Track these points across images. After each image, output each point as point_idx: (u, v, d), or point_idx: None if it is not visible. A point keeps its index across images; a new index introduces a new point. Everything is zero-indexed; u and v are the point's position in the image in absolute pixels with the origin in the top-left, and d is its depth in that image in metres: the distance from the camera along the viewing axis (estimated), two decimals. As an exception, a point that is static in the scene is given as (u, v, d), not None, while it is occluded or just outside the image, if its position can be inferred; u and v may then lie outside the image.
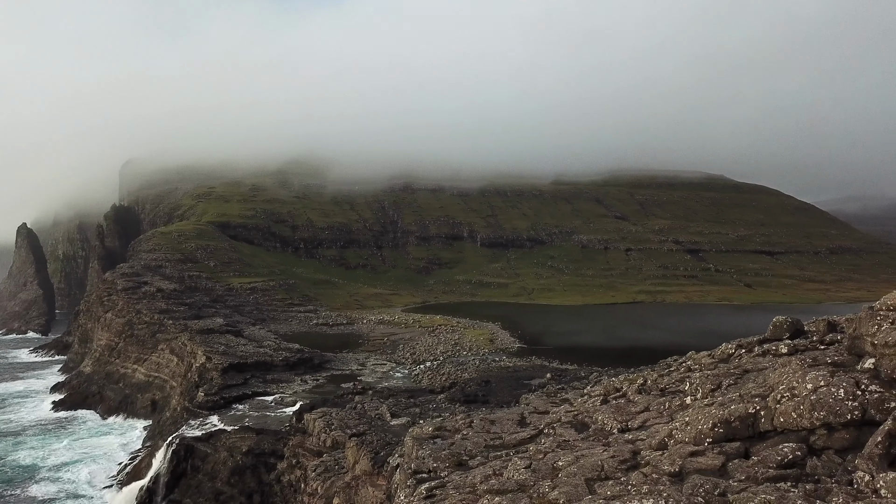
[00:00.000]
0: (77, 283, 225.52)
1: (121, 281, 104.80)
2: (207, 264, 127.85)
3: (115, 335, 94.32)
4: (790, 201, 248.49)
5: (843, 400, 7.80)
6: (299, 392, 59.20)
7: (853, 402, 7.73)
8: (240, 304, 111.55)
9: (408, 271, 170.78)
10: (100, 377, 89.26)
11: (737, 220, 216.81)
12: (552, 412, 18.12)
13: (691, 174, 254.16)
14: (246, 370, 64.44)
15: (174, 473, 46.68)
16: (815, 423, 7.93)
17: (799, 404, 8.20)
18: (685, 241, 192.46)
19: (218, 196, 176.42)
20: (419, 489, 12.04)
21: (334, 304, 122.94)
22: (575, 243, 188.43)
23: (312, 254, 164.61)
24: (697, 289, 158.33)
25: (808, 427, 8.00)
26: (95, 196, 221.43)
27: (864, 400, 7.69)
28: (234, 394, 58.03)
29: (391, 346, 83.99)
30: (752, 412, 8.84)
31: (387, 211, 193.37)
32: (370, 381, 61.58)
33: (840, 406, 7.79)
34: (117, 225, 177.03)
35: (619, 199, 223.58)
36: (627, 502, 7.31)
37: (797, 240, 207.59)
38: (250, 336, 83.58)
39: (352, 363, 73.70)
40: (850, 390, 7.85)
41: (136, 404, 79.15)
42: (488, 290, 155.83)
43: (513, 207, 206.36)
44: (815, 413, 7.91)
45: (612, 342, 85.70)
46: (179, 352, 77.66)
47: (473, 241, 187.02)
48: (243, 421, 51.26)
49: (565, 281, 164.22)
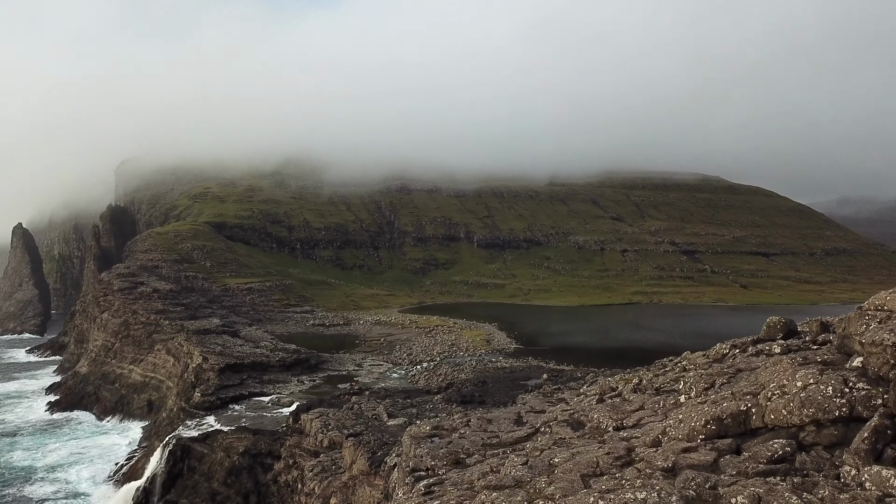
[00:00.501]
0: (73, 283, 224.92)
1: (117, 281, 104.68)
2: (204, 265, 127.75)
3: (112, 335, 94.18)
4: (786, 203, 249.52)
5: (831, 397, 8.01)
6: (296, 393, 59.29)
7: (841, 399, 7.94)
8: (236, 304, 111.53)
9: (404, 272, 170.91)
10: (96, 378, 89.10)
11: (732, 222, 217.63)
12: (548, 411, 18.33)
13: (687, 175, 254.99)
14: (242, 371, 64.51)
15: (171, 474, 46.75)
16: (804, 419, 8.12)
17: (789, 402, 8.37)
18: (681, 242, 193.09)
19: (214, 196, 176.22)
20: (417, 486, 12.22)
21: (331, 305, 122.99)
22: (571, 244, 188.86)
23: (309, 254, 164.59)
24: (693, 290, 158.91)
25: (798, 424, 8.20)
26: (91, 196, 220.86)
27: (851, 397, 7.89)
28: (231, 394, 58.12)
29: (388, 346, 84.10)
30: (744, 410, 9.08)
31: (383, 211, 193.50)
32: (367, 382, 61.71)
33: (828, 403, 8.00)
34: (113, 225, 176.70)
35: (615, 200, 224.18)
36: (621, 496, 7.50)
37: (792, 241, 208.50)
38: (247, 336, 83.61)
39: (348, 364, 73.80)
40: (838, 388, 8.05)
41: (133, 405, 79.08)
42: (485, 291, 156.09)
43: (509, 208, 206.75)
44: (805, 410, 8.12)
45: (608, 343, 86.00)
46: (176, 352, 77.64)
47: (470, 241, 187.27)
48: (240, 421, 51.34)
49: (561, 282, 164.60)
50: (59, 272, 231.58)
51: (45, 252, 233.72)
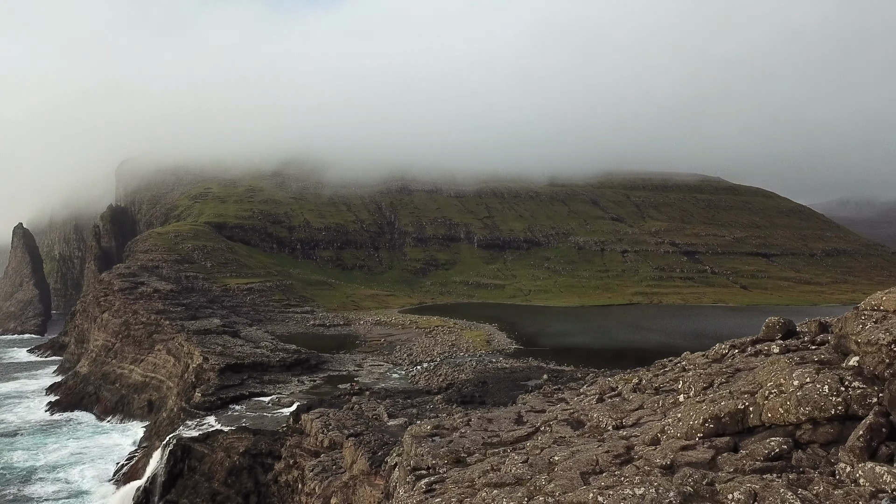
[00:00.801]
0: (73, 283, 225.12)
1: (117, 281, 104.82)
2: (204, 265, 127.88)
3: (112, 336, 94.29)
4: (786, 204, 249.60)
5: (827, 396, 8.14)
6: (296, 393, 59.39)
7: (837, 397, 8.06)
8: (236, 304, 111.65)
9: (404, 272, 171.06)
10: (96, 378, 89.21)
11: (732, 223, 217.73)
12: (548, 411, 18.43)
13: (687, 176, 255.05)
14: (243, 371, 64.63)
15: (171, 474, 46.85)
16: (800, 417, 8.25)
17: (786, 400, 8.46)
18: (681, 242, 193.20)
19: (214, 196, 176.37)
20: (419, 484, 12.32)
21: (331, 305, 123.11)
22: (571, 245, 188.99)
23: (309, 255, 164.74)
24: (693, 290, 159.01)
25: (795, 422, 8.34)
26: (91, 196, 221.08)
27: (847, 396, 8.02)
28: (231, 394, 58.23)
29: (388, 347, 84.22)
30: (742, 408, 9.22)
31: (383, 212, 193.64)
32: (367, 382, 61.80)
33: (824, 402, 8.13)
34: (113, 225, 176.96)
35: (615, 201, 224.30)
36: (619, 492, 7.62)
37: (792, 242, 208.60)
38: (247, 337, 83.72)
39: (349, 364, 73.90)
40: (834, 386, 8.17)
41: (133, 405, 79.20)
42: (485, 292, 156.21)
43: (509, 209, 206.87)
44: (801, 408, 8.25)
45: (608, 343, 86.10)
46: (176, 352, 77.75)
47: (470, 242, 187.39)
48: (240, 421, 51.44)
49: (561, 282, 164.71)
50: (60, 272, 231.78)
51: (45, 252, 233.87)
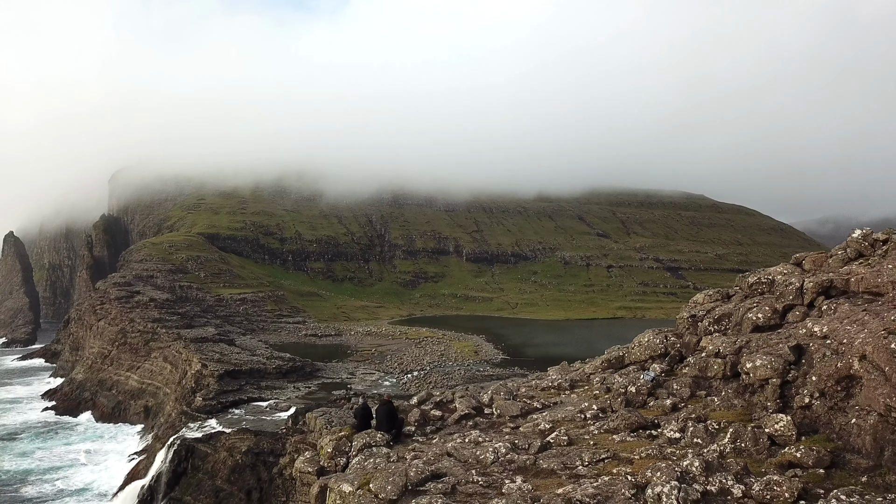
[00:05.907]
0: (62, 291, 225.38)
1: (113, 290, 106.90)
2: (198, 275, 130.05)
3: (108, 343, 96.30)
4: (767, 221, 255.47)
5: (658, 344, 17.36)
6: (293, 398, 62.15)
7: (662, 345, 17.28)
8: (230, 314, 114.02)
9: (394, 284, 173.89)
10: (92, 384, 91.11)
11: (715, 239, 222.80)
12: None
13: (672, 193, 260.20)
14: (241, 377, 67.29)
15: (175, 472, 49.39)
16: (646, 356, 17.41)
17: (641, 349, 17.83)
18: (665, 258, 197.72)
19: (207, 207, 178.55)
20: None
21: (322, 316, 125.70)
22: (557, 259, 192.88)
23: (300, 266, 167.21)
24: (676, 305, 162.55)
25: (644, 359, 17.44)
26: (84, 205, 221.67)
27: (666, 344, 17.22)
28: (231, 399, 60.93)
29: (379, 356, 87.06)
30: (622, 354, 18.72)
31: (374, 224, 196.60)
32: (360, 389, 64.70)
33: (656, 348, 17.36)
34: (106, 235, 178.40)
35: (601, 217, 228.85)
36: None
37: (773, 259, 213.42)
38: (242, 345, 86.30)
39: (342, 372, 76.70)
40: (661, 340, 17.36)
41: (130, 410, 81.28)
42: (473, 304, 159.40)
43: (497, 223, 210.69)
44: (646, 352, 17.48)
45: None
46: (173, 359, 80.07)
47: (459, 255, 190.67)
48: (240, 424, 54.14)
49: (548, 296, 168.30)
50: (49, 280, 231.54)
51: (34, 260, 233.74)
